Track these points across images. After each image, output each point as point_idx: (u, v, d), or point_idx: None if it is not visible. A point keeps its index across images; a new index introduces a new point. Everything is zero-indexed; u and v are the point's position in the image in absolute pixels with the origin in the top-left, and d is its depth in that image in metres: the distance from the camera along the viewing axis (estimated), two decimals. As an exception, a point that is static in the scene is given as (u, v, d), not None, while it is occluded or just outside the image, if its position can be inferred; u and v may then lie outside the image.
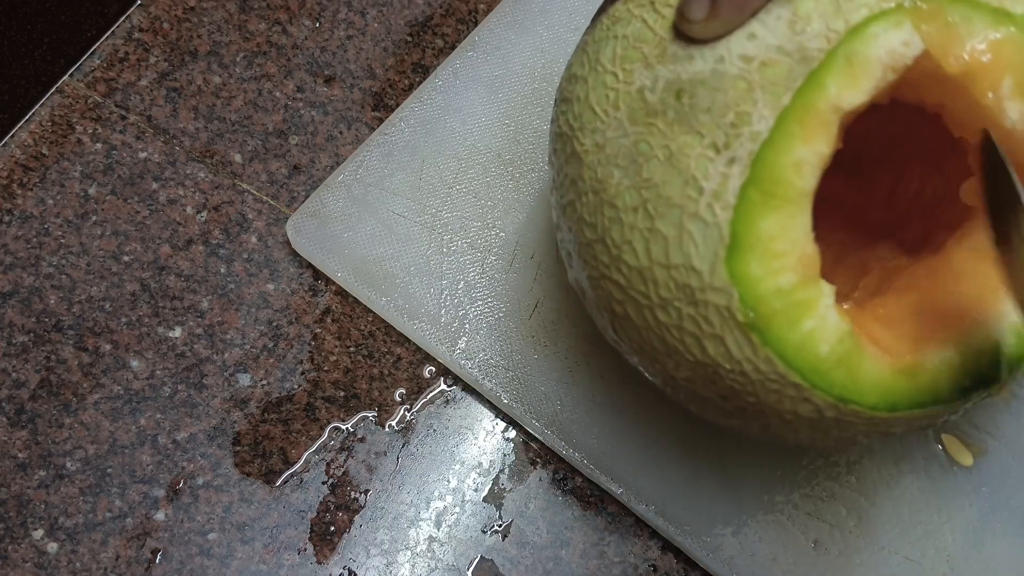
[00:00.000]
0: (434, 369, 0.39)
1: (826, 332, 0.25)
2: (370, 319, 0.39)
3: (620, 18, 0.28)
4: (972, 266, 0.27)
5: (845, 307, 0.26)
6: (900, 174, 0.34)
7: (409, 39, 0.44)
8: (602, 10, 0.30)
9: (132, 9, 0.43)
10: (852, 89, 0.24)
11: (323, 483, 0.37)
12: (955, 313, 0.26)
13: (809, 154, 0.24)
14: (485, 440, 0.38)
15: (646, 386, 0.38)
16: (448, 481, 0.37)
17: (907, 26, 0.24)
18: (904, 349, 0.26)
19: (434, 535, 0.36)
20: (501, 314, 0.38)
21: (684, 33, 0.26)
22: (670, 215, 0.25)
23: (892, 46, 0.24)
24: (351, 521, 0.36)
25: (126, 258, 0.39)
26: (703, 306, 0.25)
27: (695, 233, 0.25)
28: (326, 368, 0.38)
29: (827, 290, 0.25)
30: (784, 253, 0.24)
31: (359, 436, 0.38)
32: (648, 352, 0.28)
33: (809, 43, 0.24)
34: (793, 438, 0.28)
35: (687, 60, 0.25)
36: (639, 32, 0.27)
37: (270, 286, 0.39)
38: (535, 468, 0.38)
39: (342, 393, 0.38)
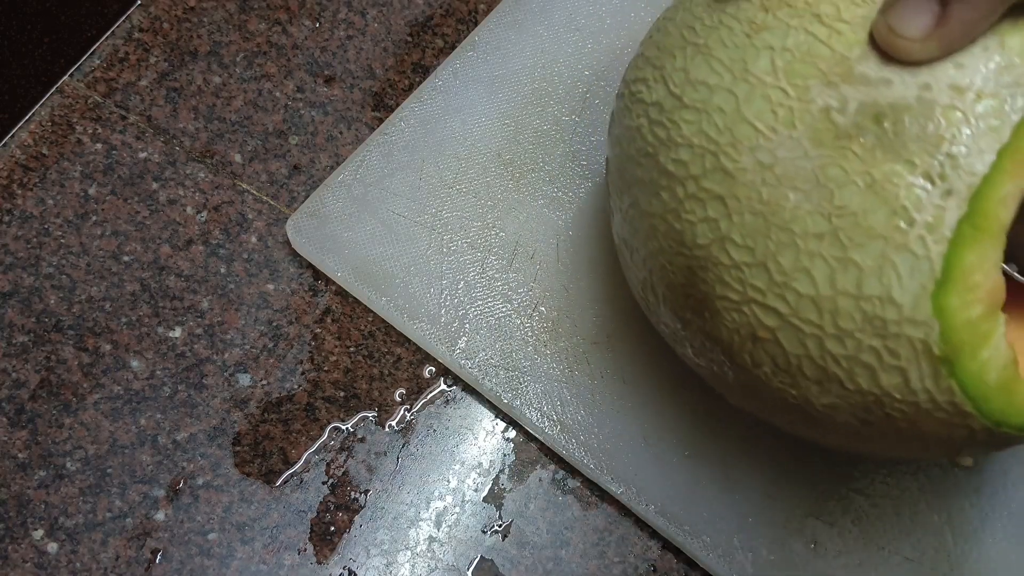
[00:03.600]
0: (434, 369, 0.39)
1: (997, 360, 0.24)
2: (370, 319, 0.39)
3: (768, 27, 0.27)
4: None
5: None
6: None
7: (409, 39, 0.44)
8: (716, 10, 0.28)
9: (132, 9, 0.43)
10: None
11: (323, 483, 0.37)
12: None
13: (1014, 189, 0.24)
14: (485, 440, 0.38)
15: (647, 386, 0.38)
16: (448, 481, 0.37)
17: None
18: None
19: (434, 535, 0.36)
20: (501, 314, 0.38)
21: (888, 49, 0.24)
22: (870, 245, 0.24)
23: None
24: (351, 521, 0.36)
25: (126, 258, 0.39)
26: (893, 339, 0.24)
27: (900, 265, 0.24)
28: (326, 368, 0.38)
29: (1002, 319, 0.25)
30: (979, 286, 0.24)
31: (359, 436, 0.38)
32: (787, 379, 0.27)
33: (1022, 79, 0.24)
34: (913, 455, 0.28)
35: (883, 84, 0.24)
36: (809, 46, 0.26)
37: (270, 286, 0.39)
38: (535, 468, 0.38)
39: (342, 393, 0.38)
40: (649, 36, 0.31)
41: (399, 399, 0.38)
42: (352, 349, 0.39)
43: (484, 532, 0.37)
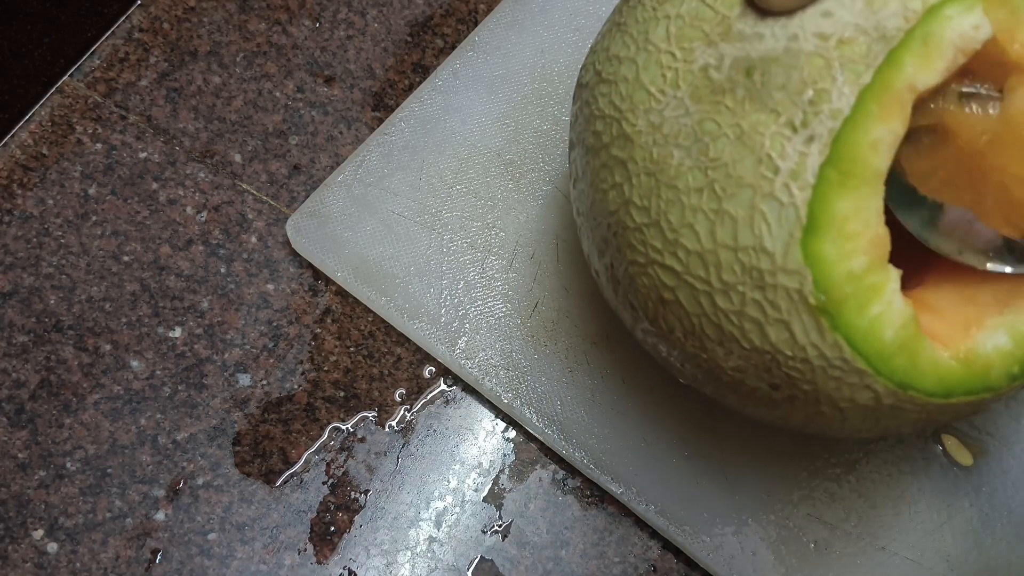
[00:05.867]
0: (434, 369, 0.39)
1: (892, 317, 0.24)
2: (370, 319, 0.39)
3: None
4: None
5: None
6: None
7: (409, 39, 0.44)
8: None
9: (132, 9, 0.43)
10: (926, 70, 0.24)
11: (323, 483, 0.37)
12: (1003, 301, 0.26)
13: (885, 133, 0.24)
14: (485, 440, 0.38)
15: (647, 386, 0.38)
16: (448, 481, 0.37)
17: (978, 10, 0.24)
18: (956, 336, 0.26)
19: (434, 535, 0.36)
20: (501, 314, 0.38)
21: (759, 4, 0.25)
22: (740, 195, 0.24)
23: (964, 29, 0.24)
24: (351, 521, 0.36)
25: (126, 258, 0.39)
26: (771, 290, 0.25)
27: (768, 213, 0.24)
28: (326, 368, 0.38)
29: (894, 274, 0.24)
30: (857, 235, 0.24)
31: (359, 436, 0.38)
32: (696, 342, 0.28)
33: (887, 22, 0.24)
34: (838, 428, 0.28)
35: (756, 39, 0.25)
36: (696, 11, 0.26)
37: (270, 286, 0.39)
38: (535, 468, 0.38)
39: (342, 393, 0.38)
40: None
41: (399, 399, 0.38)
42: (352, 349, 0.39)
43: (484, 532, 0.37)
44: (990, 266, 0.26)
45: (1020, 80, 0.25)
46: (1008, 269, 0.26)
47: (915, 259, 0.30)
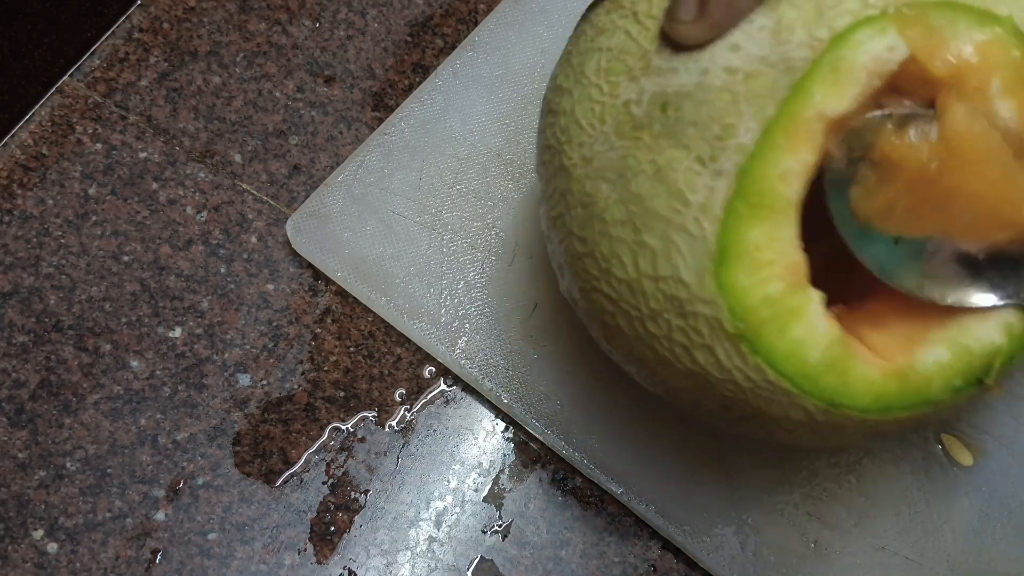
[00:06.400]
0: (434, 369, 0.39)
1: (816, 338, 0.25)
2: (370, 319, 0.39)
3: (604, 29, 0.28)
4: None
5: (835, 311, 0.26)
6: None
7: (409, 39, 0.44)
8: (585, 19, 0.30)
9: (132, 9, 0.43)
10: (837, 97, 0.24)
11: (323, 483, 0.37)
12: (945, 311, 0.26)
13: (795, 164, 0.24)
14: (485, 440, 0.38)
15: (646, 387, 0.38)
16: (448, 481, 0.37)
17: (891, 32, 0.24)
18: (896, 349, 0.26)
19: (434, 535, 0.36)
20: (501, 314, 0.38)
21: (671, 37, 0.25)
22: (657, 228, 0.25)
23: (877, 52, 0.24)
24: (351, 521, 0.36)
25: (126, 258, 0.39)
26: (692, 317, 0.25)
27: (682, 246, 0.25)
28: (326, 368, 0.38)
29: (815, 296, 0.25)
30: (771, 262, 0.24)
31: (359, 436, 0.38)
32: (642, 362, 0.28)
33: (793, 52, 0.24)
34: (796, 442, 0.28)
35: (671, 73, 0.25)
36: (623, 44, 0.27)
37: (270, 286, 0.39)
38: (535, 468, 0.38)
39: (342, 393, 0.38)
40: None
41: (399, 399, 0.38)
42: (352, 349, 0.39)
43: (484, 532, 0.37)
44: (951, 300, 0.26)
45: (948, 99, 0.25)
46: (971, 302, 0.26)
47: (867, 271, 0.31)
